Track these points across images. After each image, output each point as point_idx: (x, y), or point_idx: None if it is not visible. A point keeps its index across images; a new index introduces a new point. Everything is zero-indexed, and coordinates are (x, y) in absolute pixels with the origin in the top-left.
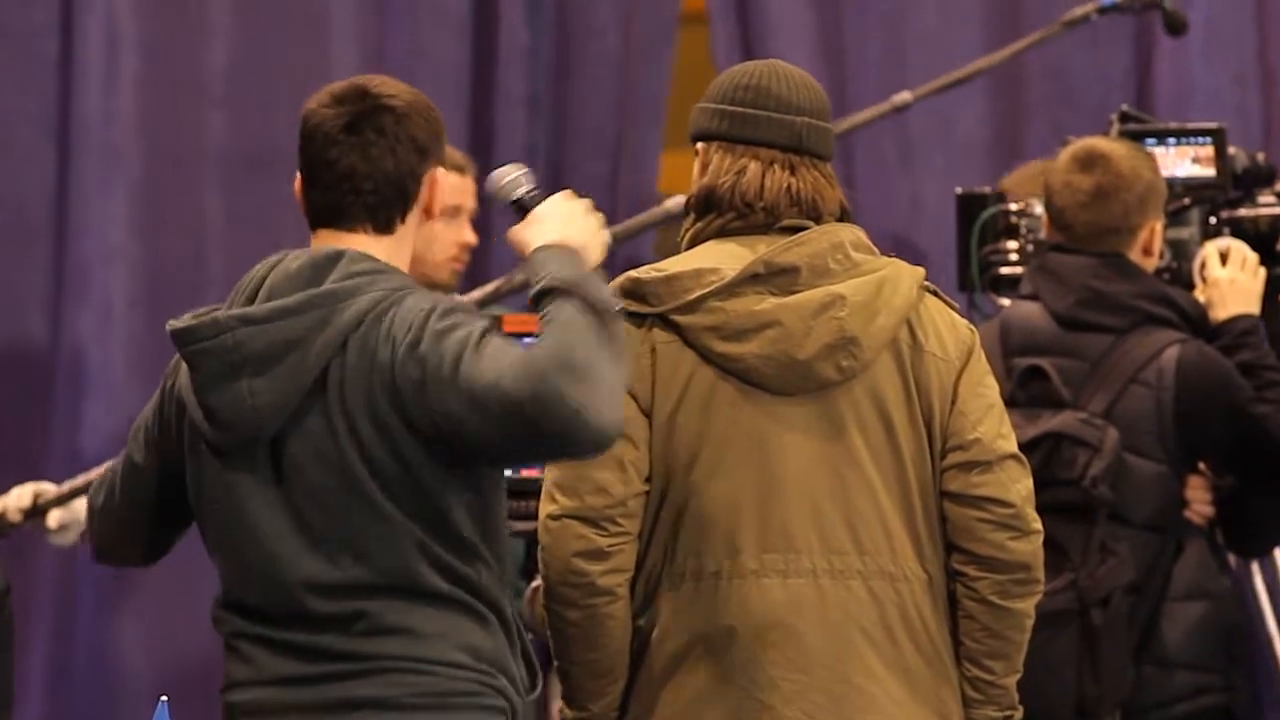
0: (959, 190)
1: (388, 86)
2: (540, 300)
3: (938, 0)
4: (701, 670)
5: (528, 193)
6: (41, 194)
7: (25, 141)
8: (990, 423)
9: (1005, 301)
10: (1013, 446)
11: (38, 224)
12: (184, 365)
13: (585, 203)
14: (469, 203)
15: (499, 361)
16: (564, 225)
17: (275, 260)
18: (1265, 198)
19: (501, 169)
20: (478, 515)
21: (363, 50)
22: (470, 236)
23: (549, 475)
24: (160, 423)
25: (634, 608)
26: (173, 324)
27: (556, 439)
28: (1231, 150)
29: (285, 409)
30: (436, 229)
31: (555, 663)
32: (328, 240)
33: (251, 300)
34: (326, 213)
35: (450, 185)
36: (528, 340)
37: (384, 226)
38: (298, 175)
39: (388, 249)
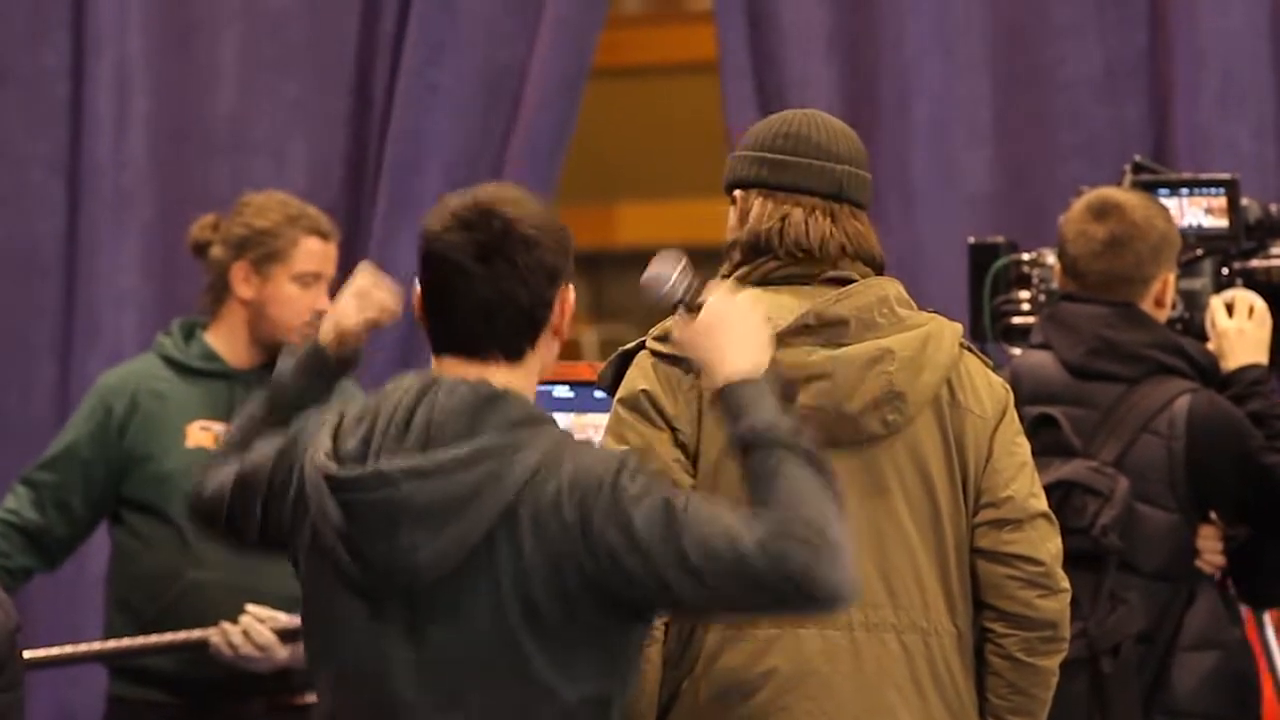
0: (971, 240)
1: (515, 206)
2: (752, 449)
3: (954, 52)
4: (733, 717)
5: (689, 288)
6: (52, 237)
7: (37, 185)
8: (1022, 481)
9: (1017, 351)
10: (1044, 505)
11: (48, 267)
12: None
13: (747, 297)
14: (329, 270)
15: (720, 528)
16: (744, 342)
17: (421, 388)
18: (1277, 248)
19: (657, 266)
20: (627, 668)
21: (368, 95)
22: (326, 304)
23: None
24: (271, 495)
25: (666, 652)
26: (327, 469)
27: (790, 604)
28: (1244, 201)
29: (447, 566)
30: (293, 293)
31: None
32: (455, 369)
33: (402, 435)
34: (456, 343)
35: (310, 251)
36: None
37: (516, 356)
38: (417, 291)
39: (521, 379)
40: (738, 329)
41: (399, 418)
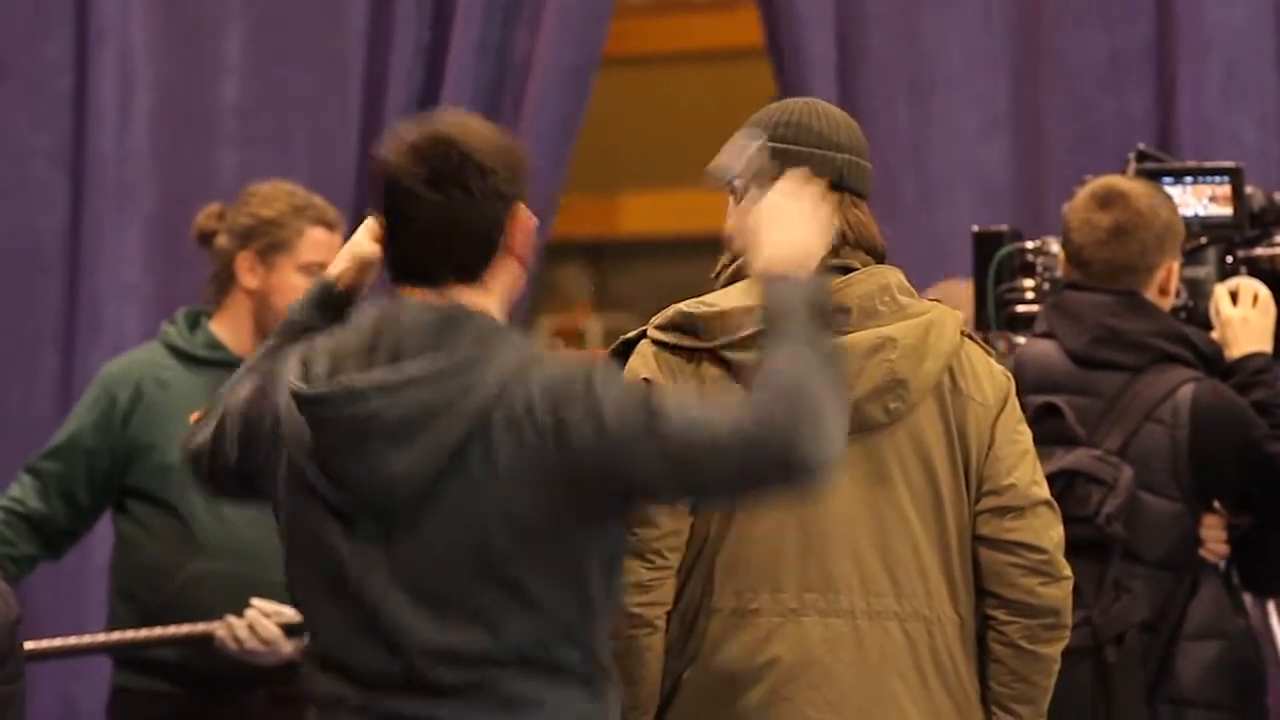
0: (975, 228)
1: (469, 133)
2: (764, 335)
3: (961, 43)
4: (736, 706)
5: (757, 175)
6: (55, 230)
7: (39, 177)
8: (1024, 468)
9: (1021, 340)
10: (1045, 493)
11: (51, 260)
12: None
13: (811, 194)
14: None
15: (694, 413)
16: (792, 239)
17: (383, 310)
18: None
19: (727, 155)
20: (610, 567)
21: (374, 87)
22: None
23: None
24: (248, 432)
25: (668, 641)
26: (297, 388)
27: (775, 481)
28: (1248, 189)
29: (422, 478)
30: (298, 283)
31: None
32: (415, 295)
33: (367, 353)
34: (412, 270)
35: (316, 241)
36: None
37: (471, 279)
38: (375, 221)
39: (482, 298)
40: (791, 225)
41: (364, 338)
